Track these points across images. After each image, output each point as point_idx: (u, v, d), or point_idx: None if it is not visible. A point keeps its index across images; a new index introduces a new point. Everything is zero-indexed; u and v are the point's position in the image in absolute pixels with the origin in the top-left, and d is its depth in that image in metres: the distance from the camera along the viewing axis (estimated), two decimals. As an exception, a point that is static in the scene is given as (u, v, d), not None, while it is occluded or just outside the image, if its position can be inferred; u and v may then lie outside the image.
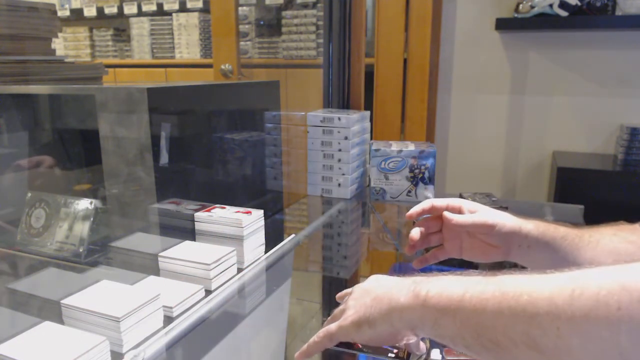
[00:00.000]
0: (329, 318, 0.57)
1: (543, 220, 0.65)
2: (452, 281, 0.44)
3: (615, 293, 0.33)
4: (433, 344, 0.67)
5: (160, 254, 0.74)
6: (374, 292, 0.51)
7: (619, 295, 0.33)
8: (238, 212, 0.81)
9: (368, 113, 1.38)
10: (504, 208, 1.03)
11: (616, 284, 0.33)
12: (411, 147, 1.22)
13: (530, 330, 0.36)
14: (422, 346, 0.59)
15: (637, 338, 0.31)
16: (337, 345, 0.61)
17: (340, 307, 0.55)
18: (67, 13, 3.16)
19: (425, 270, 0.85)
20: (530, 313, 0.36)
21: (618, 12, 1.84)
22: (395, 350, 0.60)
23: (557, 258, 0.61)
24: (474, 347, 0.41)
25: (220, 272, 0.73)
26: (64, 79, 1.09)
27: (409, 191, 1.22)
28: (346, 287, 0.93)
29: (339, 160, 1.24)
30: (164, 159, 0.82)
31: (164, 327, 0.61)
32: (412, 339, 0.55)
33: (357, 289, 0.54)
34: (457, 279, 0.45)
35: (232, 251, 0.75)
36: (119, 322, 0.55)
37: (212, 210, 0.82)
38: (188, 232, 0.82)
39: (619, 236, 0.63)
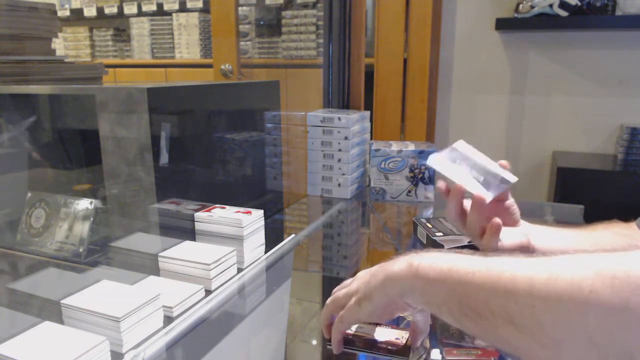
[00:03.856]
0: (330, 300, 0.59)
1: (544, 224, 0.68)
2: (443, 256, 0.48)
3: (588, 278, 0.35)
4: (433, 344, 0.67)
5: (160, 254, 0.74)
6: (373, 270, 0.54)
7: (592, 280, 0.35)
8: (238, 212, 0.81)
9: (368, 113, 1.38)
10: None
11: (591, 269, 0.36)
12: (411, 147, 1.22)
13: (508, 305, 0.39)
14: (426, 326, 0.60)
15: (604, 321, 0.33)
16: (337, 345, 0.61)
17: (344, 291, 0.57)
18: (67, 13, 3.16)
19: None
20: (510, 290, 0.39)
21: (618, 12, 1.84)
22: (394, 349, 0.60)
23: None
24: (457, 315, 0.44)
25: (220, 272, 0.73)
26: (64, 79, 1.09)
27: (409, 191, 1.22)
28: (346, 287, 0.93)
29: (339, 160, 1.24)
30: (164, 159, 0.82)
31: (164, 327, 0.61)
32: (412, 314, 0.57)
33: (359, 273, 0.58)
34: (449, 254, 0.48)
35: (232, 251, 0.75)
36: (119, 322, 0.55)
37: (212, 210, 0.82)
38: (188, 232, 0.82)
39: (611, 230, 0.66)
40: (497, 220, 0.63)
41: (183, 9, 2.86)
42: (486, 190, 0.65)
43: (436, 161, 0.69)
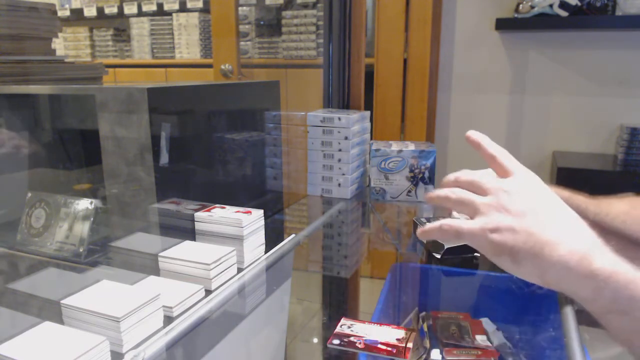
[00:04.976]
0: (465, 178, 0.50)
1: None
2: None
3: None
4: (433, 344, 0.67)
5: (160, 254, 0.74)
6: (541, 220, 0.43)
7: None
8: (238, 212, 0.81)
9: (368, 113, 1.38)
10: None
11: None
12: (411, 147, 1.22)
13: None
14: None
15: None
16: (337, 344, 0.61)
17: (489, 202, 0.46)
18: (67, 13, 3.16)
19: (427, 270, 0.85)
20: None
21: (618, 12, 1.84)
22: (394, 349, 0.60)
23: None
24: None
25: (220, 272, 0.73)
26: (64, 79, 1.09)
27: (409, 191, 1.22)
28: (346, 287, 0.93)
29: (339, 160, 1.24)
30: (164, 159, 0.82)
31: (164, 327, 0.61)
32: None
33: (515, 193, 0.45)
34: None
35: (232, 251, 0.75)
36: (119, 322, 0.55)
37: (212, 210, 0.82)
38: (188, 232, 0.82)
39: (625, 201, 0.62)
40: None
41: (183, 9, 2.86)
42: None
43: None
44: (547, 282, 0.43)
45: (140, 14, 2.99)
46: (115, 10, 3.01)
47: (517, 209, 0.45)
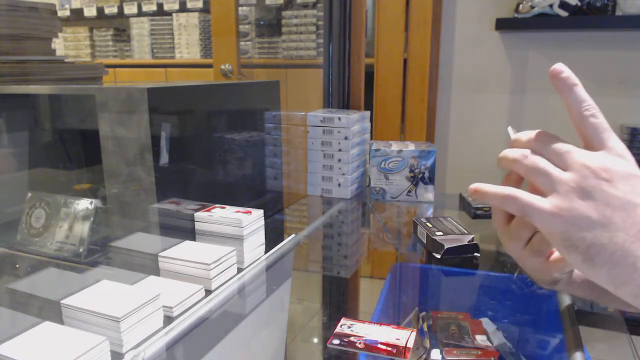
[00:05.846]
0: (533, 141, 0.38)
1: None
2: None
3: None
4: (433, 344, 0.67)
5: (160, 254, 0.74)
6: (635, 220, 0.33)
7: None
8: (238, 212, 0.81)
9: (368, 113, 1.38)
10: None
11: None
12: (411, 147, 1.22)
13: None
14: None
15: None
16: (337, 344, 0.61)
17: (556, 174, 0.37)
18: (67, 13, 3.16)
19: (427, 270, 0.85)
20: None
21: (618, 12, 1.84)
22: (394, 349, 0.60)
23: None
24: None
25: (220, 272, 0.73)
26: (64, 79, 1.09)
27: (409, 191, 1.22)
28: (346, 287, 0.93)
29: (339, 160, 1.24)
30: (164, 159, 0.82)
31: (164, 327, 0.61)
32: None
33: (604, 177, 0.35)
34: None
35: (232, 251, 0.75)
36: (119, 322, 0.55)
37: (212, 210, 0.82)
38: (188, 232, 0.82)
39: None
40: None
41: (183, 9, 2.86)
42: None
43: None
44: (626, 296, 0.34)
45: (140, 14, 2.99)
46: (115, 10, 3.01)
47: (605, 197, 0.35)
